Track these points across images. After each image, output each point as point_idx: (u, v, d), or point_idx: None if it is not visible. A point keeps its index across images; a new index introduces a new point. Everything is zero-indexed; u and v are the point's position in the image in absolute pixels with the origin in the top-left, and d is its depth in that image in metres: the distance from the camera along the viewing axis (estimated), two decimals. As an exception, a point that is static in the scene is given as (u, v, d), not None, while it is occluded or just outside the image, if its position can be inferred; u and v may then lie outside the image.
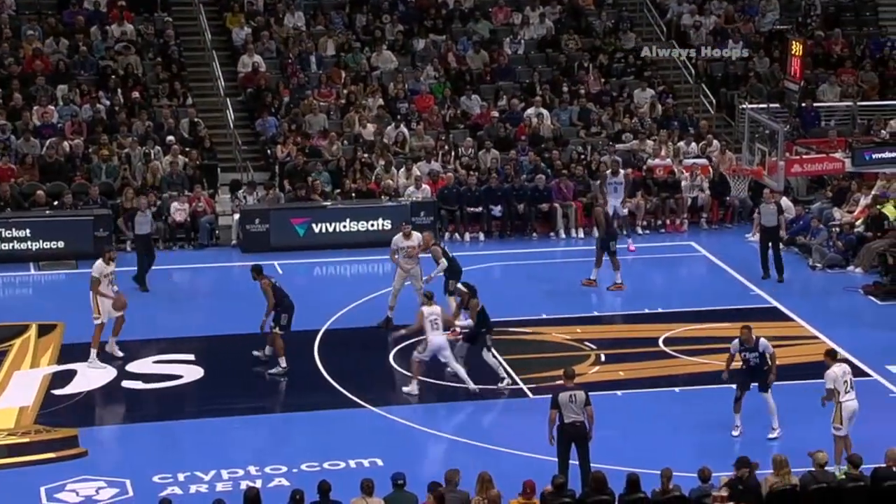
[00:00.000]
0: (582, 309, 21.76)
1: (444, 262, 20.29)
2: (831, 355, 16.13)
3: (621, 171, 24.78)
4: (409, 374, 18.38)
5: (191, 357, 19.54)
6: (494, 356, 18.44)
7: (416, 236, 20.74)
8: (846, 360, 18.89)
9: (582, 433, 15.07)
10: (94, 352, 19.05)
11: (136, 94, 27.95)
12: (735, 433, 16.83)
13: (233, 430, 17.19)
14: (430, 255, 20.63)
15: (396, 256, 20.58)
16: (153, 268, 22.69)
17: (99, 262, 19.18)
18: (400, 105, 28.76)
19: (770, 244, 23.03)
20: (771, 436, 16.68)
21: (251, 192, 25.82)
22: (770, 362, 16.65)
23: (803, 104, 28.82)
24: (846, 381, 15.80)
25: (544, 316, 21.36)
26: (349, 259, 24.30)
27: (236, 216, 25.43)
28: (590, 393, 15.37)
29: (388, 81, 29.44)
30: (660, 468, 13.99)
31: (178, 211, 25.36)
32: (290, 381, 18.78)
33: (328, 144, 27.33)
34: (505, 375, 18.44)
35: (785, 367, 18.67)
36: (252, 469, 15.93)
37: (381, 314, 20.80)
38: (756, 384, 16.71)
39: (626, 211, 24.80)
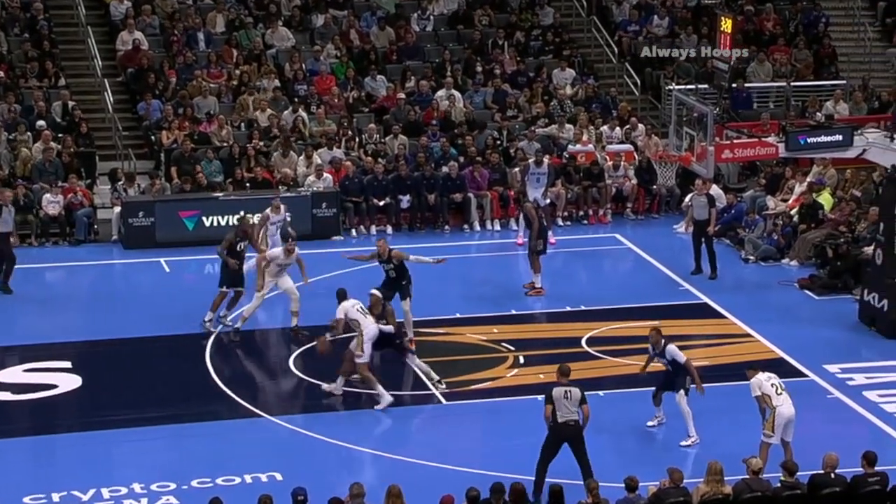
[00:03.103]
0: (499, 307, 21.83)
1: (427, 258, 20.36)
2: (752, 368, 16.25)
3: (545, 161, 24.76)
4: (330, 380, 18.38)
5: (67, 364, 19.31)
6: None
7: (297, 253, 20.66)
8: (779, 360, 19.25)
9: (576, 433, 15.33)
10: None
11: (0, 74, 27.47)
12: (651, 423, 17.16)
13: (116, 443, 17.02)
14: (375, 262, 20.40)
15: (263, 265, 20.36)
16: (16, 267, 22.32)
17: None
18: (298, 87, 28.62)
19: (703, 238, 23.31)
20: (684, 443, 16.85)
21: (131, 185, 25.48)
22: (687, 370, 16.76)
23: (734, 85, 29.14)
24: (774, 385, 15.92)
25: (458, 315, 21.41)
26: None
27: (117, 209, 25.13)
28: (505, 398, 15.44)
29: (284, 61, 29.28)
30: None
31: (52, 203, 24.98)
32: (178, 389, 18.61)
33: (219, 130, 27.11)
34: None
35: (716, 367, 18.95)
36: (137, 487, 15.77)
37: (279, 314, 20.85)
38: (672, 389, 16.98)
39: (547, 201, 24.88)
